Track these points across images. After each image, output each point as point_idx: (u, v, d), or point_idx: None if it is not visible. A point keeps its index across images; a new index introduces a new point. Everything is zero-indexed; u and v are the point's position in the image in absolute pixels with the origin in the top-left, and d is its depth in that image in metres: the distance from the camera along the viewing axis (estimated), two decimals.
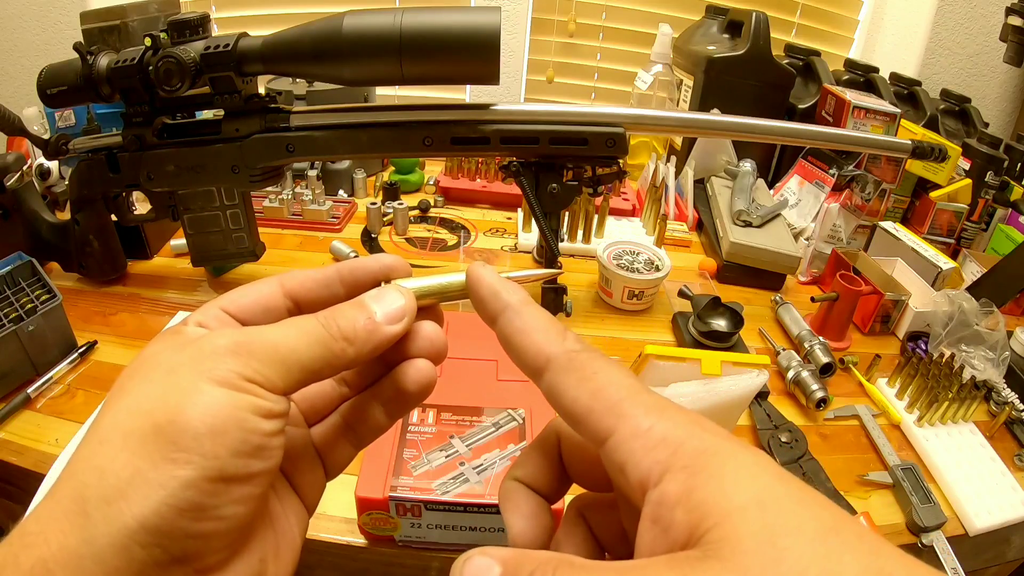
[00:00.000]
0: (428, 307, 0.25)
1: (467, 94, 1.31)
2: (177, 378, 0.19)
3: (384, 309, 0.22)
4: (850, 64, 1.11)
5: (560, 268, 0.41)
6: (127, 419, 0.18)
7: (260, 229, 0.70)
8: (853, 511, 0.51)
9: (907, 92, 1.10)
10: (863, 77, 1.08)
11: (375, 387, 0.25)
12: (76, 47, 0.59)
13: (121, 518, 0.16)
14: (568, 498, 0.25)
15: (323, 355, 0.21)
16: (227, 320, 0.22)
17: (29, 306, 0.57)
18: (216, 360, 0.19)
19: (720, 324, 0.72)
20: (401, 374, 0.24)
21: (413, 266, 0.26)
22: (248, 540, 0.21)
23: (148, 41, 0.57)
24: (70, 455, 0.19)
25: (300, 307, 0.24)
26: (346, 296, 0.24)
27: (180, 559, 0.18)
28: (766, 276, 0.84)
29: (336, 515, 0.48)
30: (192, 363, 0.19)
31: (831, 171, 0.93)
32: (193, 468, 0.17)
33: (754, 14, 0.96)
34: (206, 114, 0.63)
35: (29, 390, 0.56)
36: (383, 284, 0.24)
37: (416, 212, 0.96)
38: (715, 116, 0.64)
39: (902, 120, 0.95)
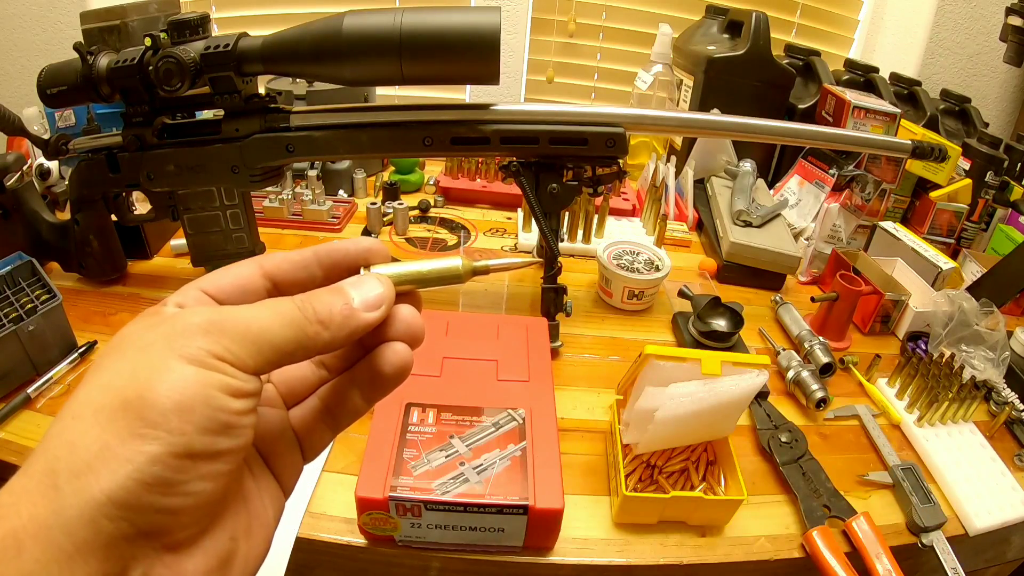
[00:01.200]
0: (407, 292, 0.25)
1: (467, 94, 1.31)
2: (148, 355, 0.19)
3: (362, 296, 0.23)
4: (850, 64, 1.11)
5: (538, 260, 0.41)
6: (98, 395, 0.18)
7: (260, 229, 0.70)
8: (853, 511, 0.51)
9: (907, 92, 1.10)
10: (863, 77, 1.08)
11: (352, 370, 0.25)
12: (76, 47, 0.59)
13: (89, 491, 0.17)
14: None
15: (296, 337, 0.21)
16: (206, 300, 0.22)
17: (29, 306, 0.57)
18: (187, 338, 0.19)
19: (720, 324, 0.72)
20: (378, 357, 0.24)
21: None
22: (218, 518, 0.21)
23: (148, 41, 0.57)
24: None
25: (279, 288, 0.24)
26: (323, 278, 0.24)
27: (148, 533, 0.18)
28: (766, 276, 0.84)
29: (336, 515, 0.48)
30: (164, 340, 0.19)
31: (831, 171, 0.93)
32: (160, 444, 0.17)
33: (754, 14, 0.96)
34: (206, 114, 0.63)
35: (29, 390, 0.56)
36: (362, 271, 0.24)
37: (416, 212, 0.96)
38: (715, 116, 0.64)
39: (902, 120, 0.95)
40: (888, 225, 0.91)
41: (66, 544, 0.16)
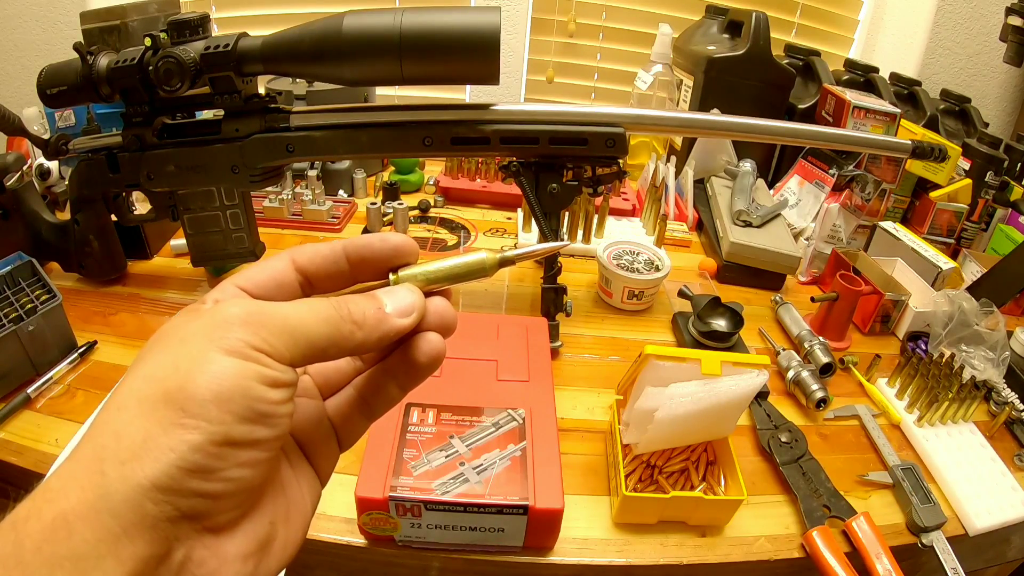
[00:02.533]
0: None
1: (467, 94, 1.31)
2: (189, 347, 0.20)
3: (395, 304, 0.24)
4: (850, 64, 1.11)
5: (565, 242, 0.42)
6: (142, 386, 0.19)
7: (260, 229, 0.69)
8: (853, 511, 0.51)
9: (907, 92, 1.10)
10: (863, 77, 1.08)
11: (387, 360, 0.26)
12: (76, 47, 0.59)
13: (135, 477, 0.18)
14: None
15: (331, 334, 0.22)
16: (242, 296, 0.23)
17: (29, 306, 0.57)
18: (227, 329, 0.20)
19: (720, 324, 0.72)
20: (412, 346, 0.25)
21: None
22: (258, 503, 0.22)
23: (148, 41, 0.57)
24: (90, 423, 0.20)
25: (309, 281, 0.25)
26: (351, 273, 0.25)
27: (190, 516, 0.19)
28: (766, 276, 0.84)
29: (336, 515, 0.48)
30: (204, 332, 0.20)
31: (831, 171, 0.93)
32: (200, 433, 0.18)
33: (754, 14, 0.96)
34: (206, 114, 0.63)
35: (29, 390, 0.56)
36: (390, 276, 0.25)
37: (416, 212, 0.96)
38: (715, 116, 0.64)
39: (902, 120, 0.95)
40: (888, 225, 0.91)
41: (113, 525, 0.17)
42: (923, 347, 0.74)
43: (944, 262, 0.82)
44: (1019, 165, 1.00)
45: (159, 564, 0.18)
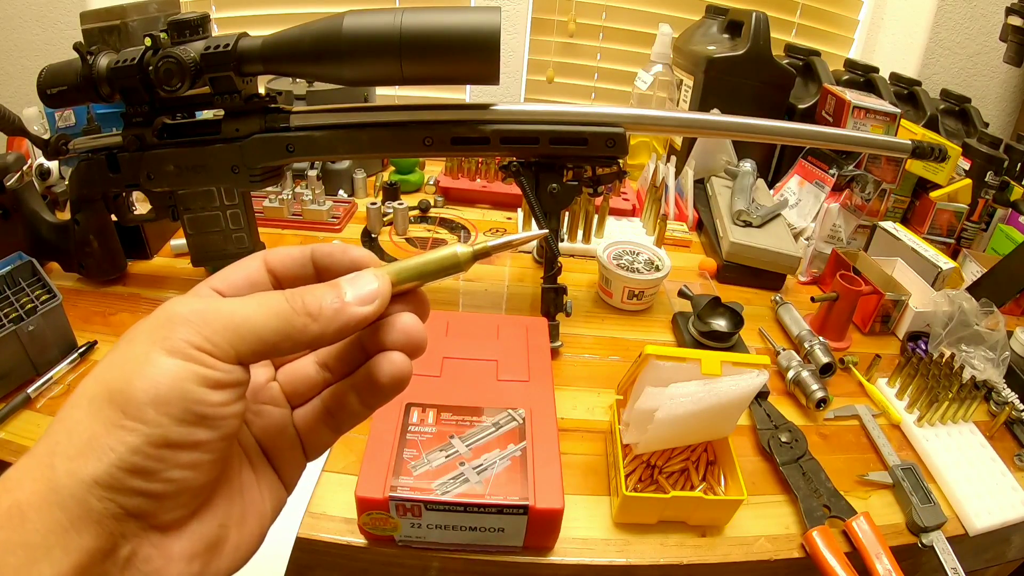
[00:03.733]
0: (410, 292, 0.25)
1: (467, 94, 1.31)
2: (134, 347, 0.20)
3: (356, 291, 0.23)
4: (850, 64, 1.11)
5: (543, 230, 0.40)
6: (92, 386, 0.20)
7: (260, 229, 0.70)
8: (853, 511, 0.51)
9: (907, 92, 1.10)
10: (863, 77, 1.08)
11: (353, 375, 0.25)
12: (76, 47, 0.59)
13: (80, 473, 0.18)
14: None
15: (281, 327, 0.21)
16: (214, 296, 0.23)
17: (29, 306, 0.57)
18: (170, 328, 0.20)
19: (720, 324, 0.72)
20: (374, 365, 0.24)
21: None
22: (207, 504, 0.22)
23: (148, 41, 0.57)
24: None
25: (280, 282, 0.24)
26: (316, 277, 0.25)
27: (135, 514, 0.19)
28: (766, 276, 0.84)
29: (336, 515, 0.48)
30: (149, 332, 0.20)
31: (831, 171, 0.93)
32: (137, 436, 0.19)
33: (754, 14, 0.96)
34: (206, 114, 0.63)
35: (29, 390, 0.56)
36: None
37: (416, 212, 0.96)
38: (715, 116, 0.64)
39: (902, 120, 0.95)
40: (888, 225, 0.91)
41: (62, 518, 0.18)
42: (923, 347, 0.74)
43: (944, 262, 0.82)
44: (1019, 165, 1.00)
45: (105, 558, 0.19)
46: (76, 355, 0.60)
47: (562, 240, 0.86)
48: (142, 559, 0.20)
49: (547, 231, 0.36)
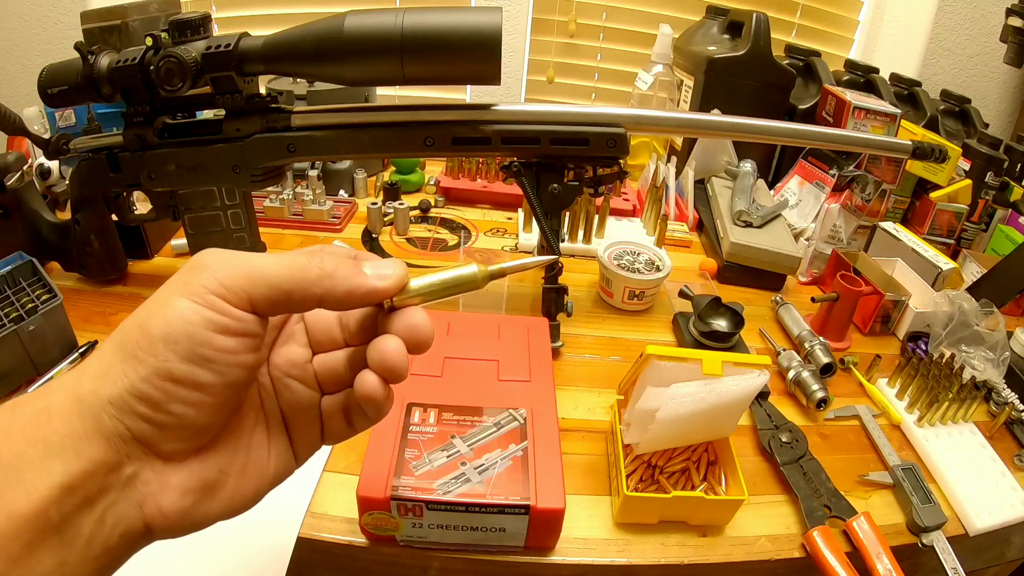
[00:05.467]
0: (417, 317, 0.25)
1: (468, 94, 1.31)
2: (161, 293, 0.23)
3: (375, 268, 0.25)
4: (850, 65, 1.11)
5: (555, 256, 0.42)
6: (124, 325, 0.23)
7: (261, 229, 0.69)
8: (854, 511, 0.51)
9: (907, 93, 1.10)
10: (863, 77, 1.08)
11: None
12: (77, 47, 0.59)
13: (99, 392, 0.21)
14: None
15: (294, 276, 0.23)
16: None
17: (30, 306, 0.57)
18: (193, 274, 0.22)
19: (721, 324, 0.72)
20: (356, 381, 0.25)
21: (412, 266, 0.27)
22: (212, 447, 0.24)
23: (149, 41, 0.57)
24: None
25: None
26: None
27: (138, 438, 0.22)
28: (766, 276, 0.84)
29: (337, 515, 0.48)
30: (177, 278, 0.23)
31: (831, 171, 0.93)
32: (146, 367, 0.21)
33: (754, 15, 0.96)
34: (207, 114, 0.63)
35: (30, 390, 0.56)
36: (384, 304, 0.26)
37: (417, 212, 0.96)
38: (715, 116, 0.64)
39: (902, 121, 0.95)
40: (888, 225, 0.91)
41: (79, 425, 0.21)
42: (923, 347, 0.74)
43: (944, 262, 0.83)
44: (1019, 166, 1.00)
45: (109, 471, 0.21)
46: (77, 355, 0.60)
47: (563, 240, 0.86)
48: (142, 481, 0.22)
49: (558, 257, 0.38)
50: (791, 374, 0.65)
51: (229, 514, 0.25)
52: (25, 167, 0.73)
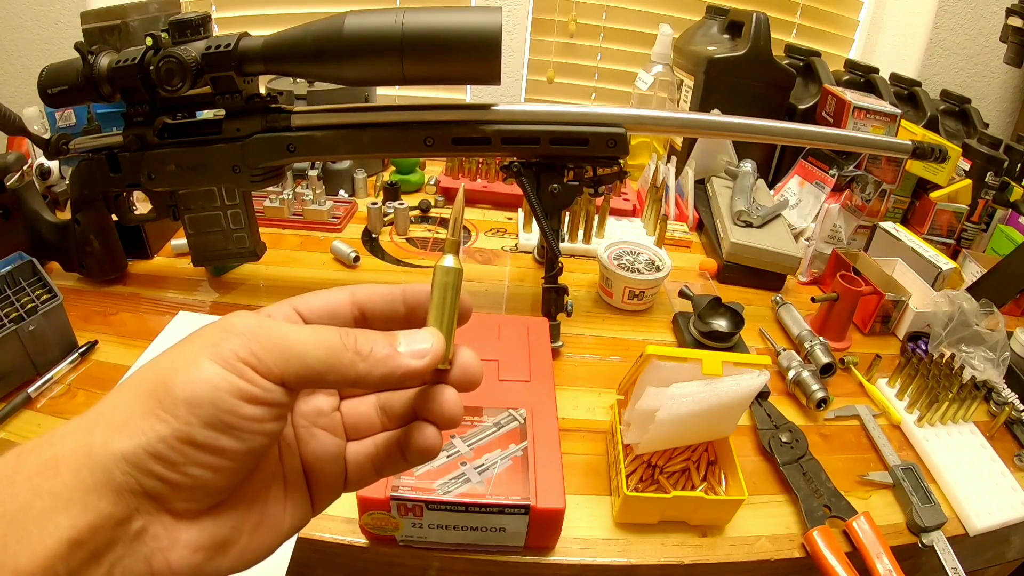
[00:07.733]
0: (464, 362, 0.26)
1: (468, 94, 1.31)
2: (187, 349, 0.22)
3: (410, 344, 0.24)
4: (850, 65, 1.11)
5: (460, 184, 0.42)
6: (145, 373, 0.22)
7: (261, 229, 0.69)
8: (854, 511, 0.51)
9: (907, 92, 1.10)
10: (863, 77, 1.08)
11: (403, 431, 0.26)
12: (77, 47, 0.59)
13: (111, 446, 0.20)
14: None
15: (328, 359, 0.22)
16: (295, 318, 0.24)
17: (30, 306, 0.57)
18: (224, 337, 0.21)
19: (721, 324, 0.72)
20: (409, 431, 0.25)
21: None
22: (225, 505, 0.23)
23: (149, 41, 0.57)
24: None
25: (366, 317, 0.26)
26: (406, 314, 0.26)
27: (151, 495, 0.21)
28: (766, 276, 0.84)
29: (338, 515, 0.48)
30: (206, 337, 0.22)
31: (831, 171, 0.93)
32: (167, 427, 0.20)
33: (754, 15, 0.96)
34: (207, 114, 0.63)
35: (30, 390, 0.56)
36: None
37: (417, 212, 0.96)
38: (715, 116, 0.64)
39: (902, 120, 0.95)
40: (888, 225, 0.91)
41: (88, 478, 0.20)
42: (923, 347, 0.74)
43: (944, 262, 0.83)
44: (1019, 166, 1.00)
45: (118, 525, 0.20)
46: (76, 355, 0.60)
47: (563, 240, 0.86)
48: (151, 536, 0.21)
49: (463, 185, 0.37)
50: (791, 374, 0.65)
51: (241, 568, 0.24)
52: (25, 167, 0.74)
